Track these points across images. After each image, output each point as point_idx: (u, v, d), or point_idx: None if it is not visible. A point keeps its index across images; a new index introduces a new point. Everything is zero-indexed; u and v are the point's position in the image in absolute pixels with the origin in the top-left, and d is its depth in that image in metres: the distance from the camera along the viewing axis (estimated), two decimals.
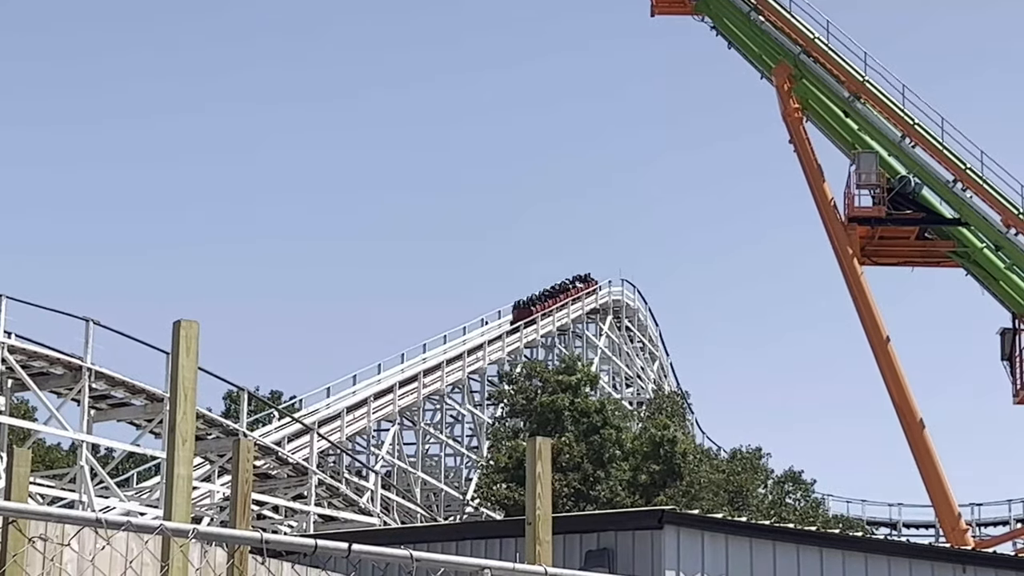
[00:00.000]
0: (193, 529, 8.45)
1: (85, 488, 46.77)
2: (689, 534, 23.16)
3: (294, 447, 62.07)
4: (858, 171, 53.61)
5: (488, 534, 25.87)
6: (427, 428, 79.30)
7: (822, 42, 55.82)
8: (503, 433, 69.07)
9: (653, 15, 59.45)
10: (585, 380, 67.33)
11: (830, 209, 54.24)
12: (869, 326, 52.55)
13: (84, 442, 47.62)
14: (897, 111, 54.65)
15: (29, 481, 13.24)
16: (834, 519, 76.27)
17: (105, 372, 48.04)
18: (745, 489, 67.87)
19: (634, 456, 63.58)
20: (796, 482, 74.78)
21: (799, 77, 55.80)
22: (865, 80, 55.09)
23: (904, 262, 55.35)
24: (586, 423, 63.87)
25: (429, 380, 78.15)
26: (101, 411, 50.14)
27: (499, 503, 62.22)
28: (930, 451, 50.89)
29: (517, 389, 68.42)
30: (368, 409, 72.72)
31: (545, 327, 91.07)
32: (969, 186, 53.34)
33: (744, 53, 57.85)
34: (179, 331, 10.61)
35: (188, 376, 10.65)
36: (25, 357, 46.68)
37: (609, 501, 59.84)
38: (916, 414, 51.19)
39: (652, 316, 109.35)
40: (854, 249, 53.16)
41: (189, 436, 10.58)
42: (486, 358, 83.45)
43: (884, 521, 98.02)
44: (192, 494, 10.76)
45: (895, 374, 51.62)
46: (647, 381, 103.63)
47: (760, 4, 56.80)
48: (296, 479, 56.58)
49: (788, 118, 55.76)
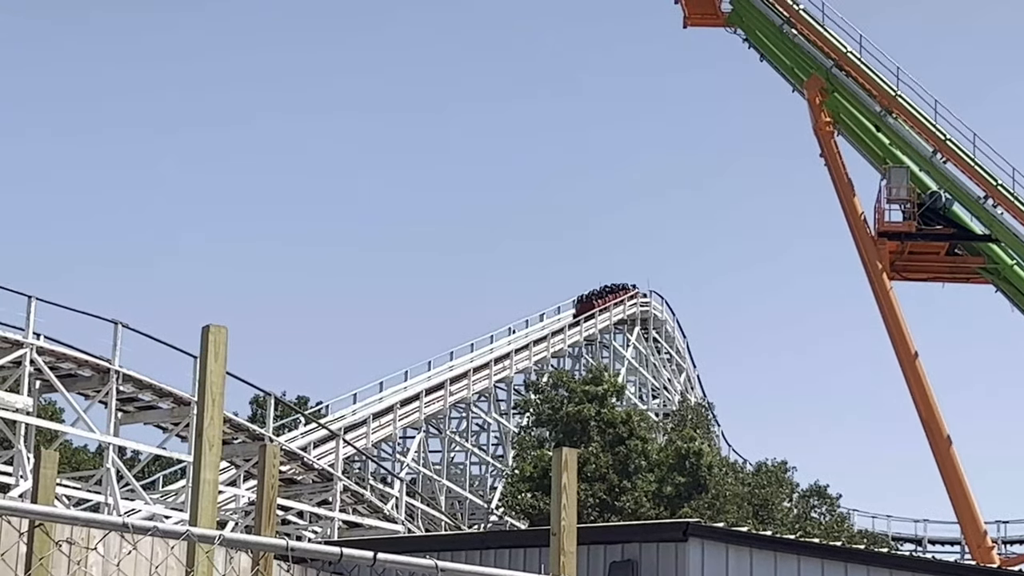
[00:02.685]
0: (219, 536, 8.45)
1: (111, 490, 46.92)
2: (713, 547, 23.10)
3: (319, 453, 62.13)
4: (889, 186, 53.48)
5: (513, 543, 25.83)
6: (453, 436, 79.33)
7: (855, 56, 55.70)
8: (529, 442, 69.02)
9: (685, 27, 59.39)
10: (612, 391, 67.24)
11: (860, 223, 54.10)
12: (898, 341, 52.39)
13: (111, 444, 47.78)
14: (929, 126, 54.50)
15: (56, 483, 13.26)
16: (859, 534, 76.04)
17: (133, 375, 48.19)
18: (770, 503, 67.73)
19: (659, 468, 63.50)
20: (821, 496, 74.58)
21: (831, 91, 55.69)
22: (897, 95, 54.97)
23: (934, 278, 55.18)
24: (612, 434, 63.80)
25: (455, 388, 78.18)
26: (128, 413, 50.30)
27: (524, 512, 62.18)
28: (956, 467, 50.70)
29: (543, 398, 68.38)
30: (394, 416, 72.78)
31: (572, 337, 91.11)
32: (1000, 202, 53.16)
33: (776, 66, 57.76)
34: (208, 336, 10.62)
35: (216, 381, 10.66)
36: (53, 359, 46.86)
37: (634, 512, 59.76)
38: (943, 430, 51.01)
39: (680, 327, 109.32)
40: (884, 264, 53.01)
41: (216, 441, 10.59)
42: (513, 367, 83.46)
43: (910, 537, 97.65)
44: (218, 498, 10.77)
45: (923, 390, 51.44)
46: (674, 392, 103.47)
47: (793, 17, 56.73)
48: (321, 485, 56.66)
49: (819, 131, 55.64)
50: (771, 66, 57.93)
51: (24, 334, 45.88)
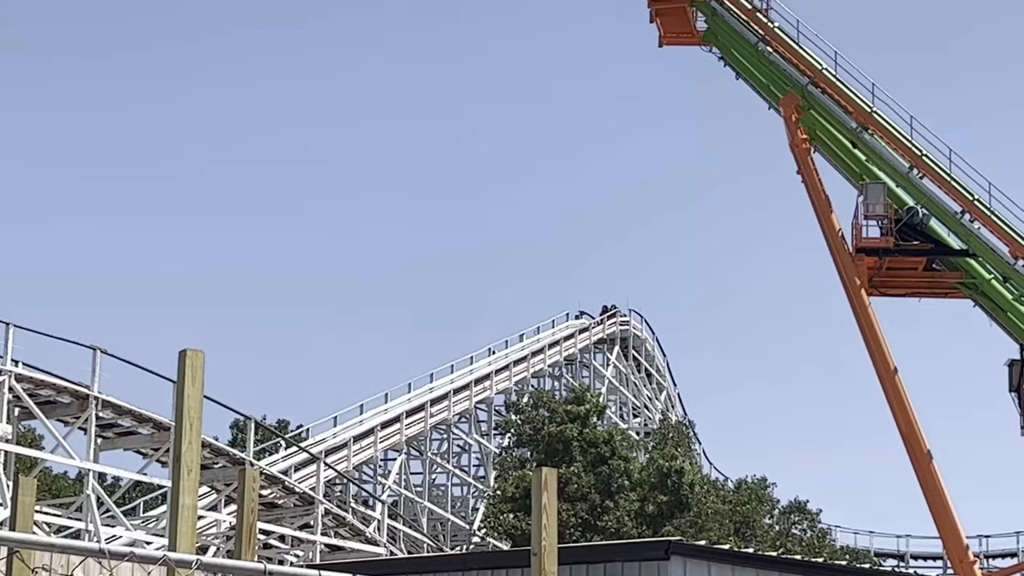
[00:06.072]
0: (196, 560, 8.43)
1: (91, 517, 46.75)
2: (695, 565, 23.11)
3: (301, 476, 62.00)
4: (866, 202, 53.55)
5: (495, 564, 25.82)
6: (434, 458, 79.23)
7: (830, 73, 55.82)
8: (510, 463, 68.96)
9: (661, 45, 59.45)
10: (594, 410, 67.24)
11: (838, 240, 54.16)
12: (877, 357, 52.42)
13: (91, 471, 47.62)
14: (905, 142, 54.62)
15: (35, 510, 13.21)
16: (842, 550, 76.13)
17: (112, 400, 48.07)
18: (751, 519, 67.76)
19: (641, 487, 63.47)
20: (802, 512, 74.65)
21: (807, 108, 55.78)
22: (873, 111, 55.08)
23: (912, 293, 55.23)
24: (594, 453, 63.77)
25: (436, 410, 78.10)
26: (108, 439, 50.16)
27: (506, 533, 62.11)
28: (938, 482, 50.72)
29: (524, 419, 68.34)
30: (375, 438, 72.68)
31: (552, 356, 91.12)
32: (977, 217, 53.28)
33: (752, 84, 57.84)
34: (185, 361, 10.60)
35: (193, 406, 10.64)
36: (32, 385, 46.74)
37: (616, 531, 59.72)
38: (924, 445, 51.03)
39: (660, 346, 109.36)
40: (862, 280, 53.05)
41: (194, 466, 10.56)
42: (493, 388, 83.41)
43: (892, 553, 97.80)
44: (198, 524, 10.75)
45: (903, 405, 51.46)
46: (654, 411, 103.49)
47: (768, 35, 56.84)
48: (303, 508, 56.53)
49: (796, 149, 55.72)
50: (747, 84, 57.99)
51: (3, 361, 45.78)
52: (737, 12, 57.26)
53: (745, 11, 57.15)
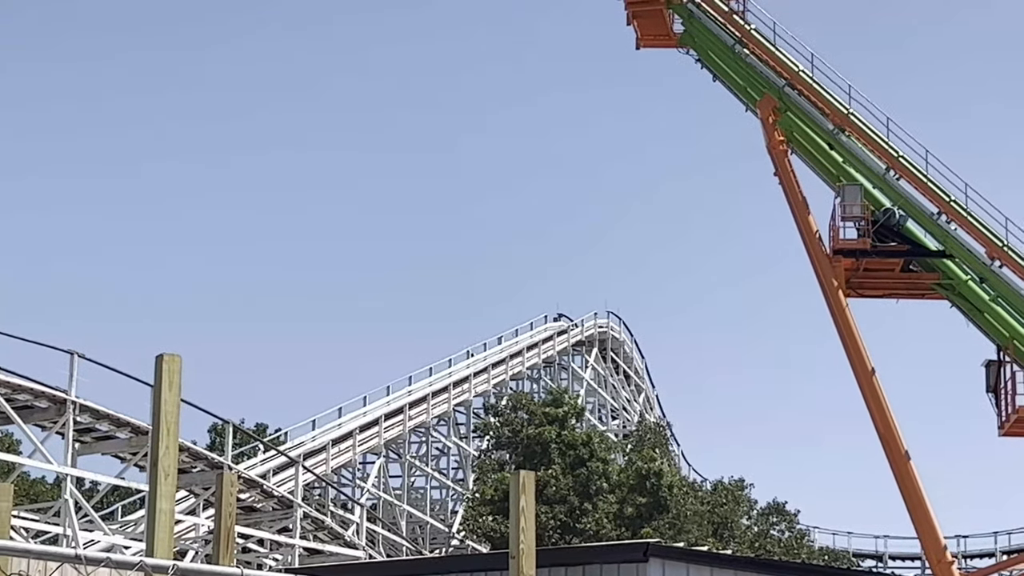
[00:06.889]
0: (173, 566, 8.42)
1: (69, 522, 46.58)
2: (674, 567, 23.13)
3: (279, 480, 61.89)
4: (843, 203, 53.62)
5: (474, 567, 25.82)
6: (413, 461, 79.17)
7: (806, 75, 55.90)
8: (489, 465, 68.95)
9: (638, 48, 59.47)
10: (572, 413, 67.25)
11: (815, 241, 54.25)
12: (854, 358, 52.50)
13: (69, 475, 47.45)
14: (881, 143, 54.71)
15: (12, 515, 13.17)
16: (820, 551, 76.27)
17: (90, 405, 47.90)
18: (729, 520, 67.84)
19: (620, 489, 63.52)
20: (780, 513, 74.74)
21: (784, 110, 55.86)
22: (849, 113, 55.17)
23: (889, 294, 55.32)
24: (573, 456, 63.80)
25: (415, 412, 78.06)
26: (86, 444, 50.00)
27: (485, 536, 62.11)
28: (915, 483, 50.80)
29: (503, 421, 68.34)
30: (354, 442, 72.59)
31: (531, 359, 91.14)
32: (953, 218, 53.40)
33: (729, 86, 57.89)
34: (162, 365, 10.60)
35: (170, 410, 10.63)
36: (9, 390, 46.55)
37: (595, 534, 59.75)
38: (901, 446, 51.13)
39: (638, 348, 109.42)
40: (839, 281, 53.13)
41: (172, 470, 10.55)
42: (472, 390, 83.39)
43: (870, 553, 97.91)
44: (176, 528, 10.74)
45: (880, 406, 51.55)
46: (633, 413, 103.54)
47: (745, 37, 56.90)
48: (281, 512, 56.43)
49: (773, 150, 55.79)
50: (724, 86, 58.03)
51: None
52: (714, 14, 57.31)
53: (722, 13, 57.21)
